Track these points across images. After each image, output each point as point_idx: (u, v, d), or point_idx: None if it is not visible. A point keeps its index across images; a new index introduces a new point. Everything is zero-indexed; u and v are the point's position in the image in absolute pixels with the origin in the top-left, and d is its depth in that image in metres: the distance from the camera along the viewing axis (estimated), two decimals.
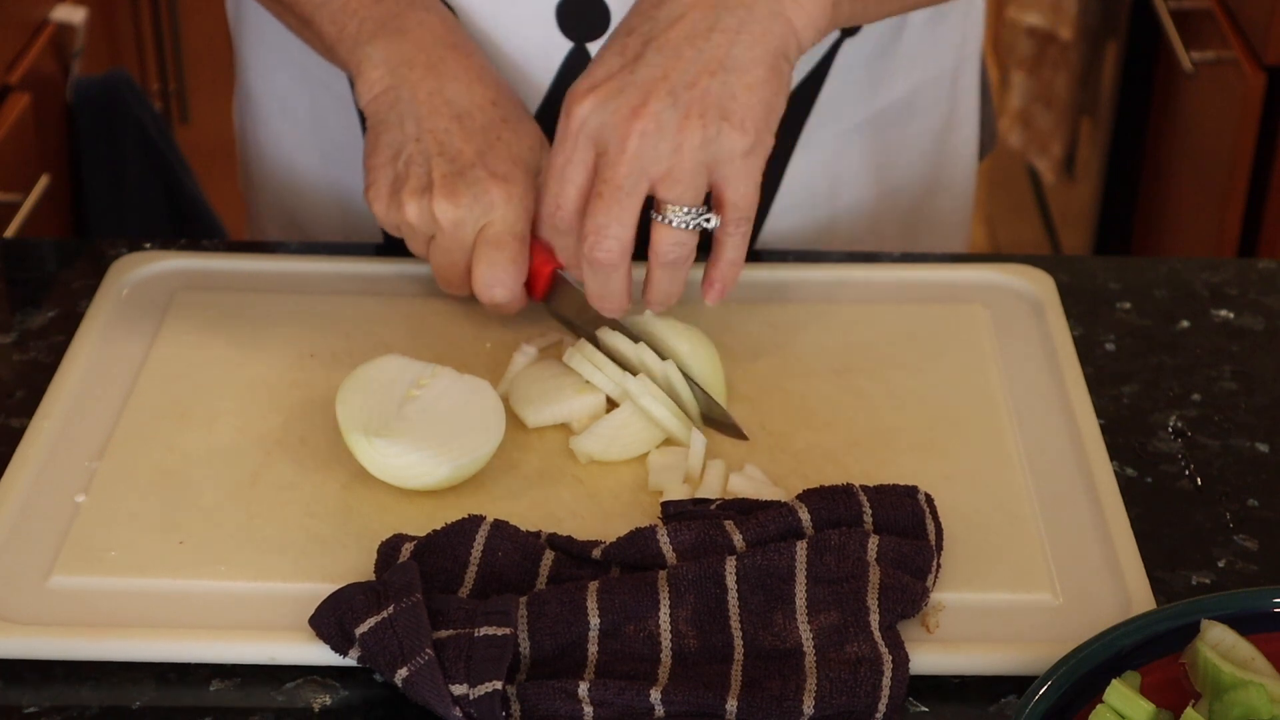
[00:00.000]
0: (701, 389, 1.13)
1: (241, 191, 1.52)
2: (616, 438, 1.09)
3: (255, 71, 1.42)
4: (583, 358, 1.13)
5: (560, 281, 1.17)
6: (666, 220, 1.07)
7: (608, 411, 1.12)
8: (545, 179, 1.10)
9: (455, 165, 1.13)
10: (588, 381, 1.12)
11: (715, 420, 1.12)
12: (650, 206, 1.08)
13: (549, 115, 1.23)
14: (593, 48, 1.26)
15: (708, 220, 1.07)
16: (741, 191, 1.07)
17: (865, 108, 1.36)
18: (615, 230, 1.06)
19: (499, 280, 1.14)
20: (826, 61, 1.31)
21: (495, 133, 1.16)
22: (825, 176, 1.36)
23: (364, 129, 1.35)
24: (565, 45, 1.26)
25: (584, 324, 1.16)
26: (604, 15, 1.25)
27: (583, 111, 1.07)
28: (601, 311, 1.12)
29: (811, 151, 1.35)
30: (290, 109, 1.40)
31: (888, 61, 1.35)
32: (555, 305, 1.18)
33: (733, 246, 1.10)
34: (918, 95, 1.38)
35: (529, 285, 1.17)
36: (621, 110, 1.05)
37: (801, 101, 1.32)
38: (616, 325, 1.15)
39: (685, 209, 1.07)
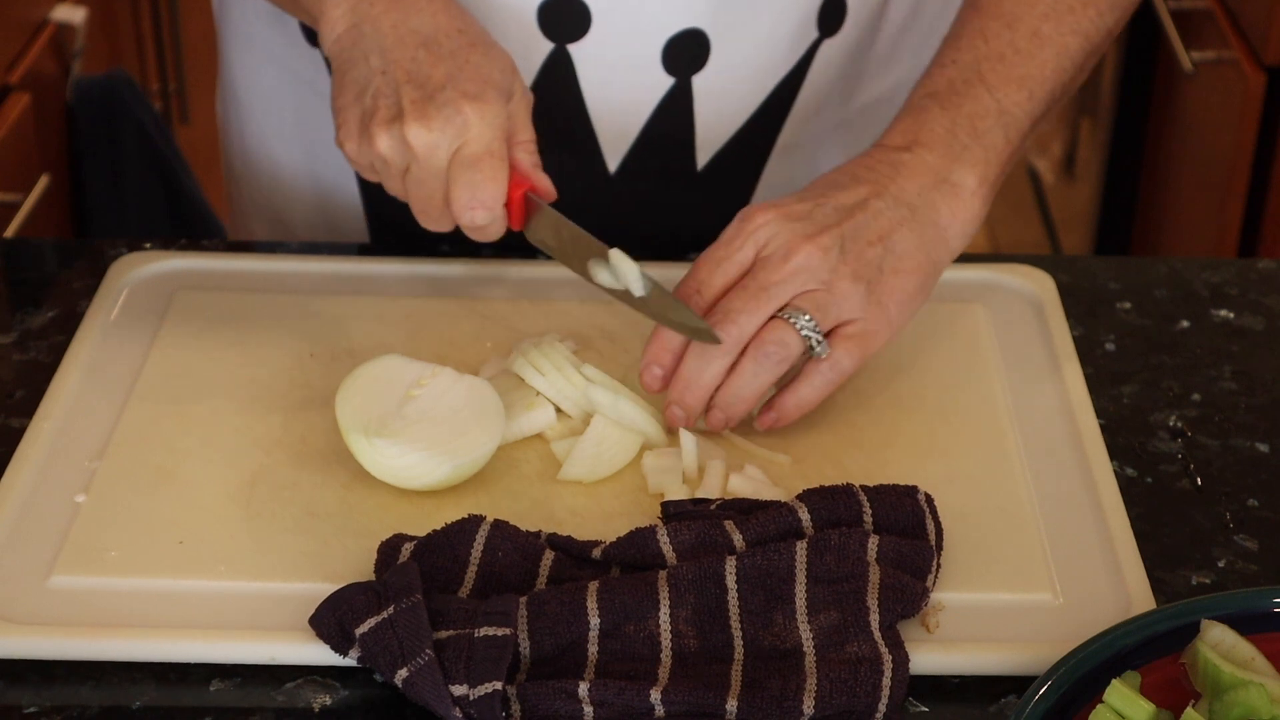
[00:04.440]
0: (661, 289, 1.11)
1: (225, 187, 1.52)
2: (600, 456, 1.09)
3: (239, 70, 1.42)
4: (525, 362, 1.13)
5: (535, 206, 1.13)
6: (790, 319, 1.09)
7: (558, 415, 1.12)
8: (698, 264, 1.12)
9: (425, 90, 1.10)
10: (539, 394, 1.12)
11: (688, 327, 1.10)
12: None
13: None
14: (573, 49, 1.26)
15: (819, 343, 1.10)
16: (851, 354, 1.11)
17: (844, 107, 1.36)
18: (744, 320, 1.09)
19: (478, 200, 1.09)
20: (805, 62, 1.31)
21: (464, 56, 1.12)
22: (805, 176, 1.36)
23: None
24: (546, 46, 1.26)
25: (564, 246, 1.14)
26: (584, 17, 1.25)
27: (761, 219, 1.12)
28: (676, 403, 1.10)
29: (791, 152, 1.35)
30: (275, 107, 1.40)
31: (865, 60, 1.35)
32: (534, 232, 1.14)
33: (811, 387, 1.11)
34: (896, 93, 1.38)
35: (506, 212, 1.12)
36: (797, 231, 1.11)
37: (780, 102, 1.32)
38: (599, 259, 1.12)
39: (810, 319, 1.09)
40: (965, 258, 1.36)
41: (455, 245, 1.32)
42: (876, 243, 1.12)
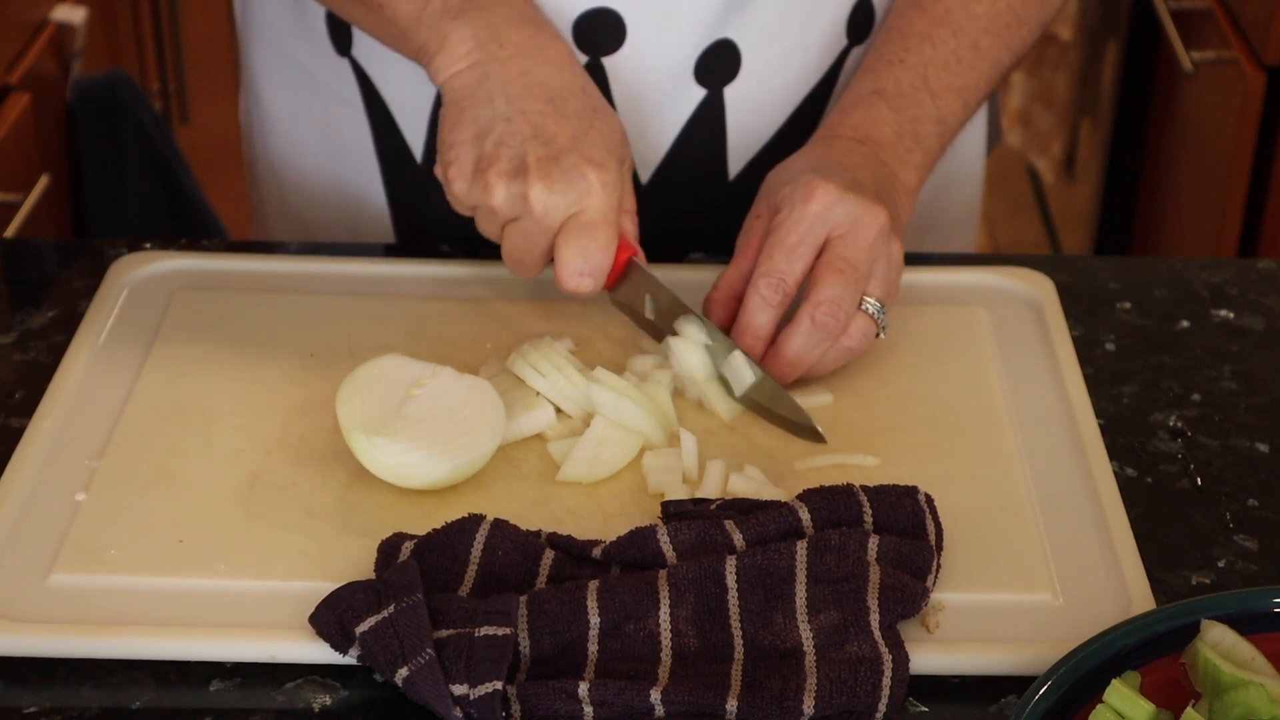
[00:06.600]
0: (785, 392, 1.13)
1: (249, 195, 1.52)
2: (600, 456, 1.09)
3: (264, 78, 1.42)
4: (524, 362, 1.13)
5: (633, 270, 1.15)
6: (867, 310, 1.14)
7: (558, 415, 1.12)
8: (772, 252, 1.13)
9: (550, 149, 1.11)
10: (539, 394, 1.12)
11: (790, 421, 1.12)
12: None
13: None
14: (608, 62, 1.26)
15: (884, 327, 1.15)
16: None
17: None
18: (849, 306, 1.13)
19: (588, 267, 1.11)
20: (835, 70, 1.31)
21: (588, 120, 1.13)
22: None
23: (370, 126, 1.35)
24: (581, 60, 1.26)
25: (658, 315, 1.16)
26: (619, 30, 1.25)
27: (824, 200, 1.13)
28: (778, 377, 1.13)
29: None
30: (301, 116, 1.40)
31: None
32: (624, 295, 1.17)
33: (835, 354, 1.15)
34: None
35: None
36: (862, 204, 1.13)
37: (811, 110, 1.32)
38: (693, 315, 1.15)
39: (880, 303, 1.14)
40: (964, 259, 1.36)
41: (455, 246, 1.32)
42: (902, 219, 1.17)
